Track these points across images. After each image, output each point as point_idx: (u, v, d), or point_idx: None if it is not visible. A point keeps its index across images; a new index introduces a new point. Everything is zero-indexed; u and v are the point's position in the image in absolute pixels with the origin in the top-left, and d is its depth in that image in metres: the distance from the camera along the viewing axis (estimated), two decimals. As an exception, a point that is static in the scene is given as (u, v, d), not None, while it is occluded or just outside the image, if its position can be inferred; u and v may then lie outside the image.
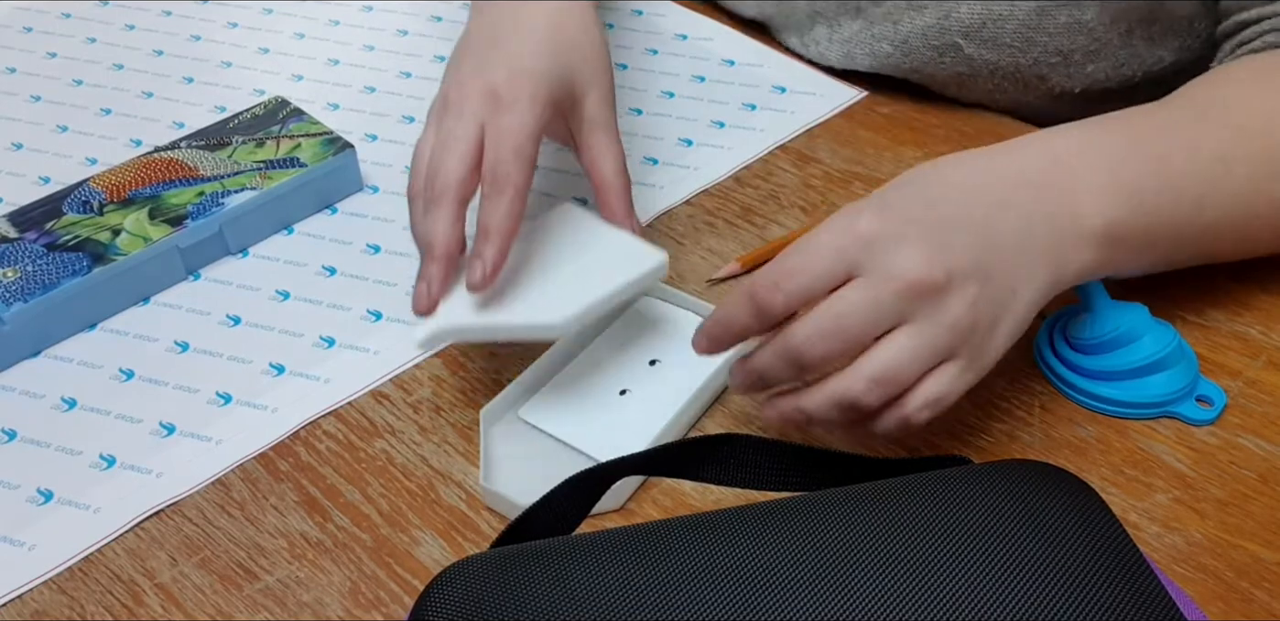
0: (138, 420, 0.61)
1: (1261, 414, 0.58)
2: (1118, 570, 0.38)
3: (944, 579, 0.38)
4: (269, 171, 0.70)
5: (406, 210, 0.72)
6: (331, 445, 0.59)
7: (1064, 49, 0.72)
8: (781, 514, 0.41)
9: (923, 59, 0.75)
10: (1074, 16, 0.70)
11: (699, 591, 0.38)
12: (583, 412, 0.58)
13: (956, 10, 0.71)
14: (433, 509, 0.56)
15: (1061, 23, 0.71)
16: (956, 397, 0.51)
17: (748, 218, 0.71)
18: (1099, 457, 0.56)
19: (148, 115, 0.82)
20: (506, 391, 0.58)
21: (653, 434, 0.56)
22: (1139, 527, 0.53)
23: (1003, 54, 0.73)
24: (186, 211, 0.68)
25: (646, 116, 0.79)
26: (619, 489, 0.54)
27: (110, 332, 0.66)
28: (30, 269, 0.64)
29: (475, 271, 0.54)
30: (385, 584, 0.53)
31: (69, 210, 0.68)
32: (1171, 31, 0.73)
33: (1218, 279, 0.63)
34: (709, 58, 0.84)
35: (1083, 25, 0.71)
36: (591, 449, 0.57)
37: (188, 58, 0.87)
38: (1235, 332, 0.61)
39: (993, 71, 0.74)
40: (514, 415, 0.59)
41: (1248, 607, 0.50)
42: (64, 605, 0.53)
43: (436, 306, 0.55)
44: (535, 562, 0.40)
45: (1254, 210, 0.57)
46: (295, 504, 0.57)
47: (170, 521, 0.56)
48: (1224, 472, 0.55)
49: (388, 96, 0.83)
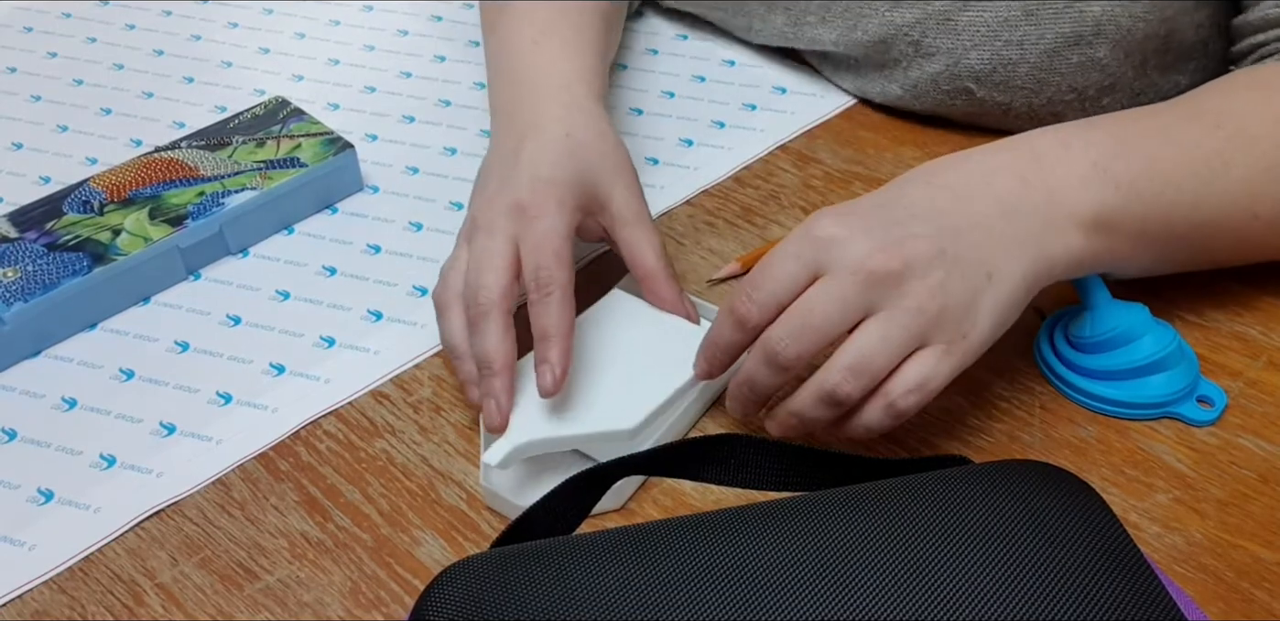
0: (138, 420, 0.61)
1: (1262, 414, 0.58)
2: (1118, 570, 0.39)
3: (944, 579, 0.38)
4: (269, 171, 0.70)
5: (406, 210, 0.73)
6: (332, 445, 0.59)
7: (1078, 86, 0.71)
8: (781, 514, 0.41)
9: (934, 101, 0.74)
10: (1086, 55, 0.69)
11: (699, 591, 0.38)
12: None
13: (966, 57, 0.70)
14: (433, 509, 0.56)
15: (1074, 63, 0.69)
16: (942, 382, 0.51)
17: (748, 218, 0.71)
18: (1099, 458, 0.56)
19: (148, 115, 0.82)
20: None
21: (652, 434, 0.56)
22: (1139, 527, 0.53)
23: (1015, 95, 0.72)
24: (187, 211, 0.68)
25: (647, 116, 0.79)
26: (620, 488, 0.54)
27: (110, 332, 0.66)
28: (30, 269, 0.64)
29: (545, 377, 0.54)
30: (386, 584, 0.53)
31: (69, 210, 0.68)
32: (1184, 57, 0.72)
33: (1218, 279, 0.63)
34: (709, 58, 0.84)
35: (1095, 63, 0.69)
36: (589, 448, 0.57)
37: (188, 57, 0.87)
38: (1236, 333, 0.61)
39: (1005, 111, 0.73)
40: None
41: (1248, 607, 0.50)
42: (64, 605, 0.53)
43: (509, 421, 0.55)
44: (535, 562, 0.40)
45: (1253, 212, 0.57)
46: (296, 504, 0.57)
47: (171, 521, 0.56)
48: (1224, 473, 0.55)
49: (388, 96, 0.83)
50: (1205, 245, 0.59)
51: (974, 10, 0.69)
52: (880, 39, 0.72)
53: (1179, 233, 0.57)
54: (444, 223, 0.72)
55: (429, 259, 0.69)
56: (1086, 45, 0.68)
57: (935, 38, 0.71)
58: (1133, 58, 0.70)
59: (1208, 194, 0.56)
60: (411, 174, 0.76)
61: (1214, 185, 0.56)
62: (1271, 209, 0.57)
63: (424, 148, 0.78)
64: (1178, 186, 0.55)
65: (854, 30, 0.73)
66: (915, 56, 0.72)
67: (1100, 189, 0.54)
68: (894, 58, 0.73)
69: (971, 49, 0.70)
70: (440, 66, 0.85)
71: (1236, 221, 0.57)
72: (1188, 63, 0.72)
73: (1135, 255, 0.57)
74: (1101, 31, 0.68)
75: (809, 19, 0.75)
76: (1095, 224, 0.54)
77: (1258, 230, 0.58)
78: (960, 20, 0.70)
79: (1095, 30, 0.68)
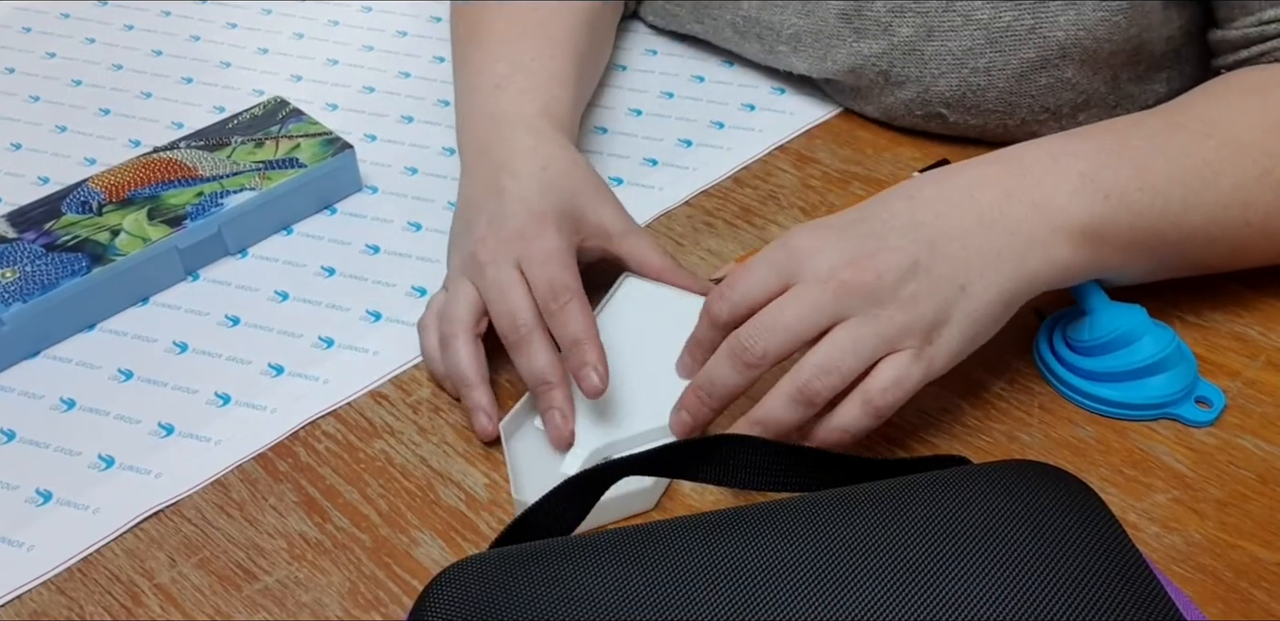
0: (137, 420, 0.61)
1: (1260, 414, 0.58)
2: (1117, 570, 0.39)
3: (943, 579, 0.38)
4: (268, 172, 0.70)
5: (404, 210, 0.73)
6: (330, 445, 0.59)
7: (1050, 106, 0.71)
8: (780, 514, 0.41)
9: (909, 123, 0.75)
10: (1055, 76, 0.69)
11: (698, 591, 0.38)
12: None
13: (935, 85, 0.71)
14: (432, 509, 0.56)
15: (1043, 84, 0.70)
16: (915, 384, 0.52)
17: (747, 218, 0.71)
18: (1098, 458, 0.56)
19: (147, 115, 0.82)
20: (522, 402, 0.58)
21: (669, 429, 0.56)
22: (1138, 528, 0.53)
23: (989, 119, 0.72)
24: (185, 212, 0.68)
25: (646, 117, 0.79)
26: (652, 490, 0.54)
27: (109, 333, 0.66)
28: (29, 269, 0.64)
29: (590, 378, 0.55)
30: (384, 584, 0.53)
31: (68, 210, 0.68)
32: (1157, 67, 0.71)
33: (1217, 280, 0.63)
34: (708, 58, 0.84)
35: (1065, 82, 0.70)
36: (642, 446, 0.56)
37: (186, 58, 0.87)
38: (1234, 333, 0.61)
39: (980, 134, 0.73)
40: (531, 425, 0.58)
41: (1247, 608, 0.50)
42: (63, 606, 0.53)
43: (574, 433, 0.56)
44: (534, 563, 0.40)
45: (1245, 219, 0.57)
46: (294, 504, 0.57)
47: (169, 522, 0.56)
48: (1223, 473, 0.55)
49: (387, 97, 0.83)
50: (1198, 253, 0.59)
51: (938, 41, 0.69)
52: (850, 69, 0.73)
53: (1170, 241, 0.57)
54: (443, 223, 0.71)
55: (428, 259, 0.69)
56: (1053, 67, 0.69)
57: (903, 67, 0.71)
58: (1102, 74, 0.70)
59: (1198, 203, 0.56)
60: (410, 174, 0.76)
61: (1204, 194, 0.56)
62: (1264, 216, 0.57)
63: (423, 148, 0.78)
64: (1167, 196, 0.55)
65: (824, 60, 0.74)
66: (885, 85, 0.73)
67: (1089, 200, 0.54)
68: (865, 85, 0.74)
69: (939, 77, 0.71)
70: (439, 67, 0.85)
71: (1229, 229, 0.57)
72: (1161, 72, 0.72)
73: (1126, 264, 0.57)
74: (1067, 54, 0.68)
75: (781, 48, 0.76)
76: (1084, 235, 0.54)
77: (1250, 236, 0.58)
78: (926, 50, 0.70)
79: (1060, 53, 0.68)
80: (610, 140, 0.77)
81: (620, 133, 0.78)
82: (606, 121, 0.77)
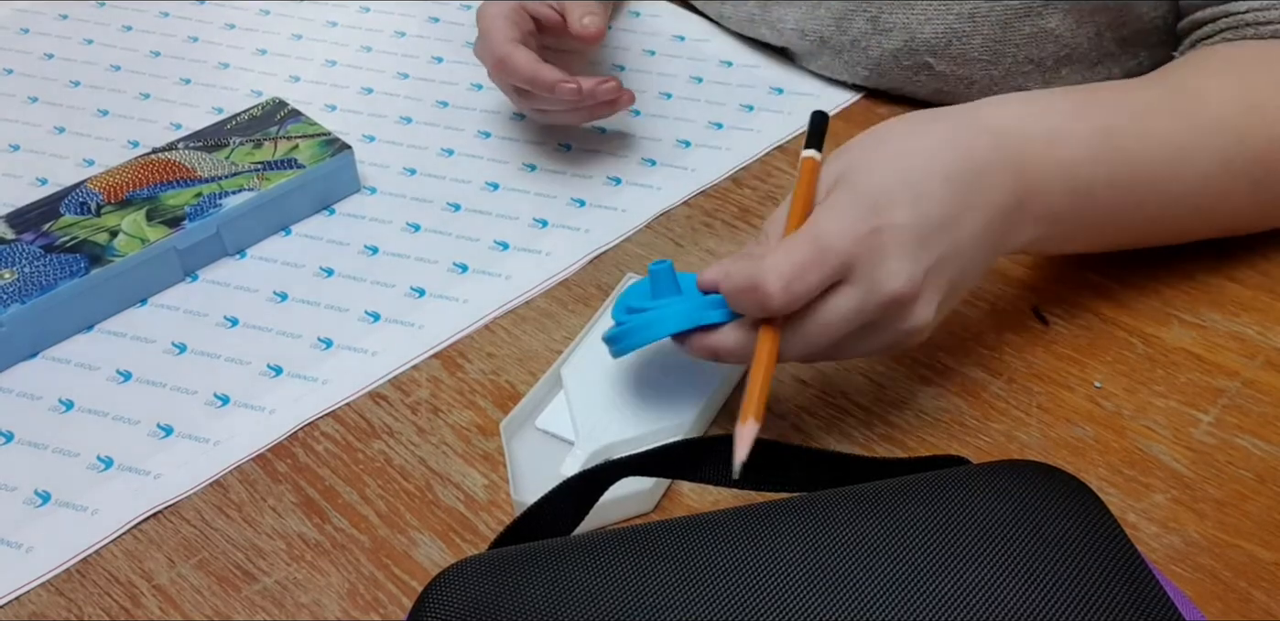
0: (135, 422, 0.61)
1: (1259, 414, 0.58)
2: (1116, 570, 0.39)
3: (942, 579, 0.38)
4: (266, 172, 0.70)
5: (403, 211, 0.73)
6: (329, 446, 0.59)
7: (1035, 57, 0.73)
8: (780, 514, 0.41)
9: (898, 79, 0.77)
10: (1039, 25, 0.71)
11: (697, 592, 0.38)
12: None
13: (921, 32, 0.73)
14: (431, 510, 0.56)
15: (1027, 33, 0.72)
16: None
17: (746, 219, 0.71)
18: (1097, 457, 0.56)
19: (145, 116, 0.81)
20: (523, 402, 0.58)
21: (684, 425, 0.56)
22: (1137, 527, 0.53)
23: (974, 68, 0.74)
24: (184, 213, 0.68)
25: (644, 118, 0.79)
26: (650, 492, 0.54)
27: (108, 334, 0.66)
28: (28, 270, 0.64)
29: (604, 84, 0.68)
30: (383, 585, 0.53)
31: (66, 211, 0.68)
32: (1143, 33, 0.73)
33: (1215, 279, 0.63)
34: (706, 59, 0.84)
35: (1049, 33, 0.72)
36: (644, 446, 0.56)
37: (185, 59, 0.87)
38: (1233, 333, 0.62)
39: (968, 85, 0.75)
40: (531, 425, 0.58)
41: (1246, 607, 0.50)
42: (61, 607, 0.53)
43: None
44: (533, 563, 0.40)
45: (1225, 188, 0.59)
46: (293, 505, 0.57)
47: (168, 523, 0.56)
48: (1221, 472, 0.55)
49: (385, 97, 0.83)
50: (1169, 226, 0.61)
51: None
52: (841, 16, 0.76)
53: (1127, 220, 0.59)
54: (441, 223, 0.72)
55: (427, 260, 0.69)
56: (1037, 16, 0.71)
57: (891, 13, 0.74)
58: (1086, 28, 0.72)
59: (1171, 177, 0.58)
60: (409, 175, 0.76)
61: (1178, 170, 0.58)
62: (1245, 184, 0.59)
63: (421, 149, 0.78)
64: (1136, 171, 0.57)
65: (817, 8, 0.77)
66: (874, 33, 0.75)
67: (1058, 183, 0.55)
68: (854, 37, 0.76)
69: (925, 23, 0.73)
70: (438, 68, 0.85)
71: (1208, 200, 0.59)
72: (1144, 47, 0.74)
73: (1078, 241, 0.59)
74: (1051, 2, 0.70)
75: None
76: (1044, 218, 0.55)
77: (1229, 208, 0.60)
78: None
79: (1044, 1, 0.70)
80: (609, 140, 0.77)
81: (620, 133, 0.78)
82: (605, 121, 0.77)
